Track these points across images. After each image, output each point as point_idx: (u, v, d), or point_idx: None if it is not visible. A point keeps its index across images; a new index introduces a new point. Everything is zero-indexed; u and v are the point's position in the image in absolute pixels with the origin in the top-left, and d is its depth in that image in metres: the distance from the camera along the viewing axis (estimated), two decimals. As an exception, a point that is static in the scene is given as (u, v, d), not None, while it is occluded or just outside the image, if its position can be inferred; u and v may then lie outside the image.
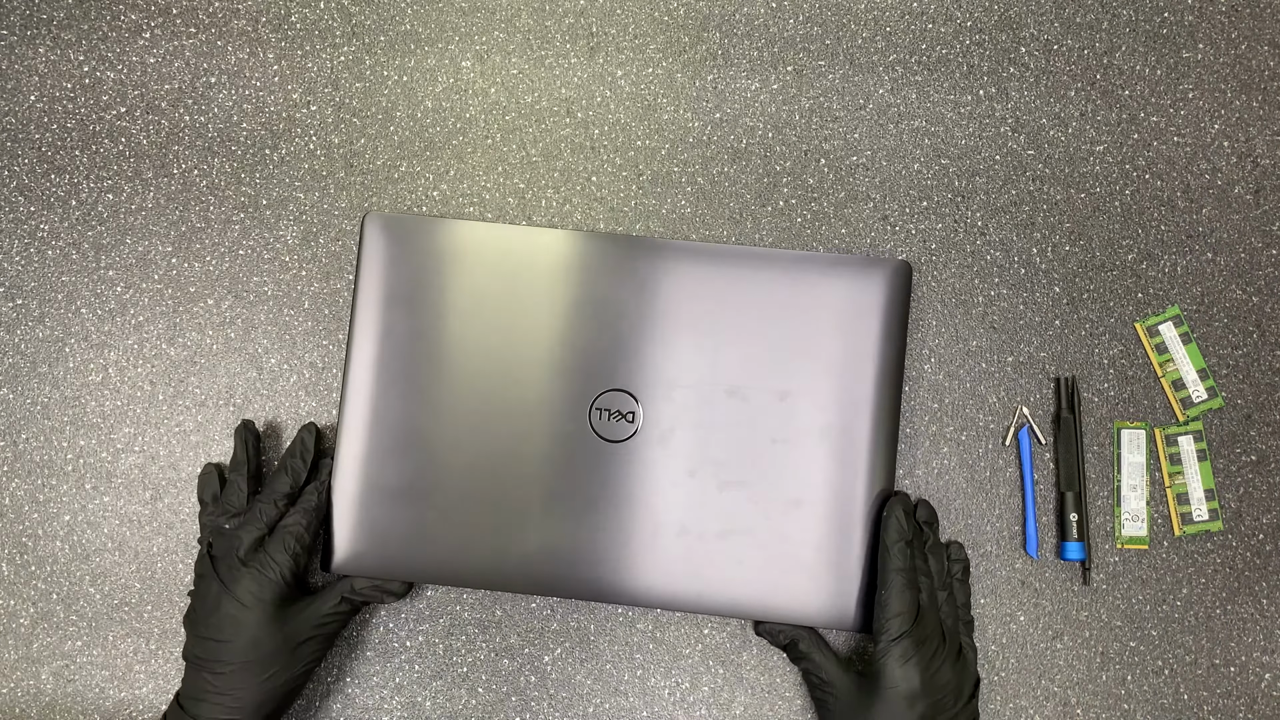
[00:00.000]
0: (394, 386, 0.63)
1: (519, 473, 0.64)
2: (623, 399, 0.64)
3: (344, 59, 0.70)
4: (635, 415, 0.64)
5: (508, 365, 0.64)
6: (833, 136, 0.69)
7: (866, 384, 0.63)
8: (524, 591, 0.63)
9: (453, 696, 0.66)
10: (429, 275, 0.64)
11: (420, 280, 0.65)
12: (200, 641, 0.59)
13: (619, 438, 0.63)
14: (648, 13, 0.70)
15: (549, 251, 0.65)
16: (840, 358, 0.63)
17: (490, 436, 0.64)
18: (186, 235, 0.69)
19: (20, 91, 0.70)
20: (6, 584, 0.67)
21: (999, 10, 0.69)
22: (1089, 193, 0.68)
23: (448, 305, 0.64)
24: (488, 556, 0.63)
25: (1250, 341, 0.67)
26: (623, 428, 0.63)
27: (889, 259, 0.64)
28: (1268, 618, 0.65)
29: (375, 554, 0.63)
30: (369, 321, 0.64)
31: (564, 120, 0.69)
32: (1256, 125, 0.68)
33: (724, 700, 0.65)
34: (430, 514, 0.63)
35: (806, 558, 0.62)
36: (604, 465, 0.63)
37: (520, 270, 0.65)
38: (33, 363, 0.69)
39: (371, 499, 0.63)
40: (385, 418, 0.63)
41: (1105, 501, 0.66)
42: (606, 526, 0.63)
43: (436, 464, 0.64)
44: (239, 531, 0.61)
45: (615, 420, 0.64)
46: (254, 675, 0.59)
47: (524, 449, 0.64)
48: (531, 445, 0.64)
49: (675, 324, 0.64)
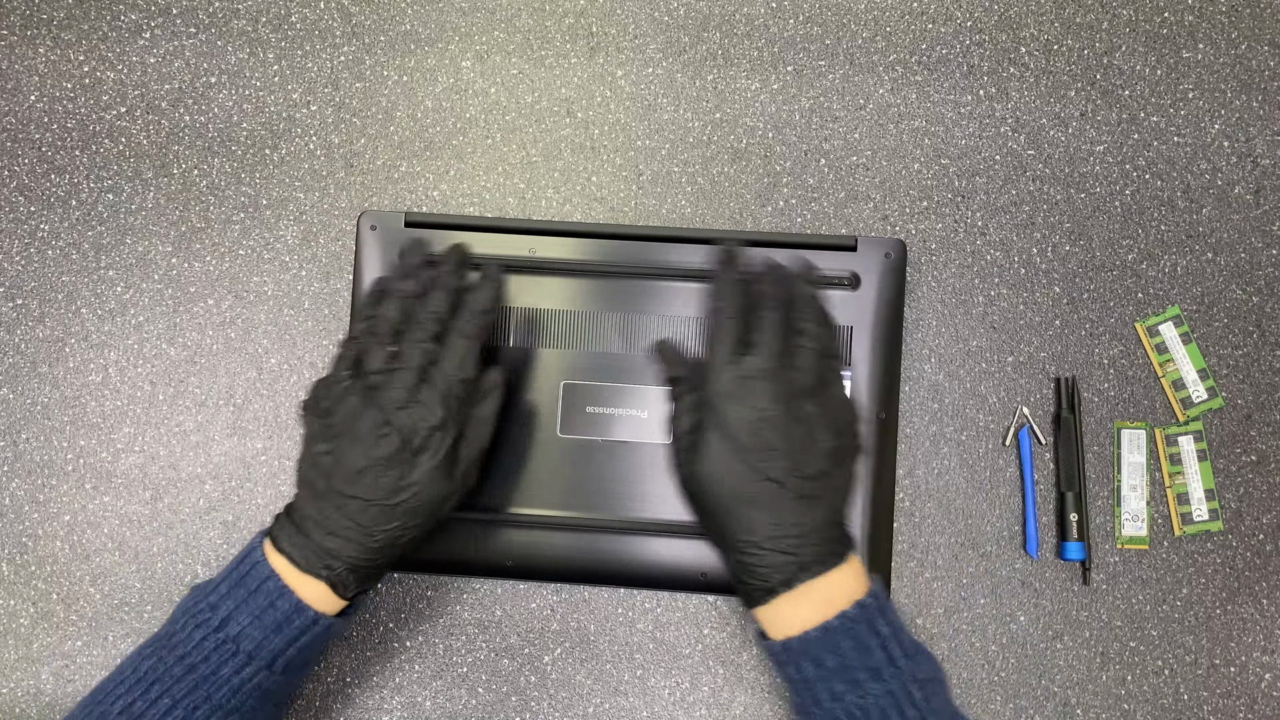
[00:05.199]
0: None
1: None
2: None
3: (344, 59, 0.70)
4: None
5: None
6: (833, 136, 0.69)
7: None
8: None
9: (453, 696, 0.66)
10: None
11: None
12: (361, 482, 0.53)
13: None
14: (648, 13, 0.70)
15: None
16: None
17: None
18: (186, 235, 0.69)
19: (20, 91, 0.70)
20: (6, 584, 0.67)
21: (999, 10, 0.69)
22: (1089, 193, 0.68)
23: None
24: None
25: (1250, 341, 0.67)
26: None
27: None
28: (1268, 618, 0.65)
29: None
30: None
31: (564, 120, 0.69)
32: (1256, 125, 0.68)
33: (724, 700, 0.65)
34: None
35: None
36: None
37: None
38: (33, 363, 0.69)
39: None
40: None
41: (1105, 501, 0.66)
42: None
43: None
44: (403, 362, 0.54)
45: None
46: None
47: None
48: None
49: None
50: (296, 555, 0.53)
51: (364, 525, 0.53)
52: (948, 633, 0.65)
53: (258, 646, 0.53)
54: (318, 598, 0.54)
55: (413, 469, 0.53)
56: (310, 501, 0.54)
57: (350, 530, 0.53)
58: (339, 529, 0.53)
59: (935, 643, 0.65)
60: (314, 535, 0.54)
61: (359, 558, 0.54)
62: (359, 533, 0.53)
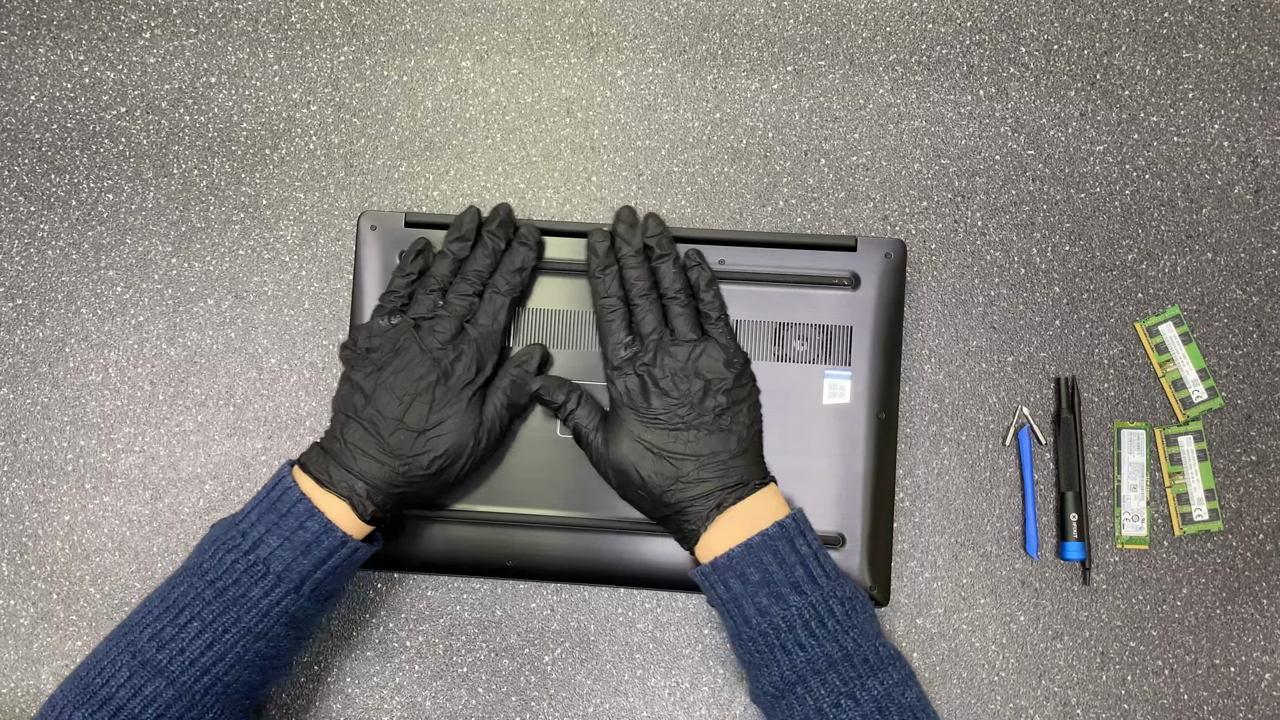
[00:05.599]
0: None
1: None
2: None
3: (344, 59, 0.70)
4: None
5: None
6: (833, 136, 0.69)
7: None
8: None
9: (453, 696, 0.66)
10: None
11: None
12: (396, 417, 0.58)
13: None
14: (648, 13, 0.70)
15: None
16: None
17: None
18: (186, 235, 0.69)
19: (20, 91, 0.70)
20: (6, 584, 0.67)
21: (999, 10, 0.69)
22: (1089, 193, 0.68)
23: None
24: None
25: (1250, 341, 0.67)
26: None
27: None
28: (1268, 618, 0.65)
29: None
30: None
31: (564, 120, 0.69)
32: (1256, 125, 0.68)
33: (724, 700, 0.65)
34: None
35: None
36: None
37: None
38: (33, 363, 0.69)
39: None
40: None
41: (1105, 501, 0.66)
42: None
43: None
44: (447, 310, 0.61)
45: None
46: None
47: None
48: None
49: None
50: (324, 476, 0.57)
51: (393, 448, 0.58)
52: (948, 633, 0.65)
53: (287, 568, 0.56)
54: (342, 517, 0.57)
55: (445, 405, 0.59)
56: (345, 425, 0.59)
57: (380, 453, 0.58)
58: (370, 449, 0.58)
59: (935, 643, 0.65)
60: (343, 458, 0.58)
61: (382, 480, 0.57)
62: (387, 455, 0.58)
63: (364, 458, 0.58)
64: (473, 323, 0.61)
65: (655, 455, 0.59)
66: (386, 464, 0.58)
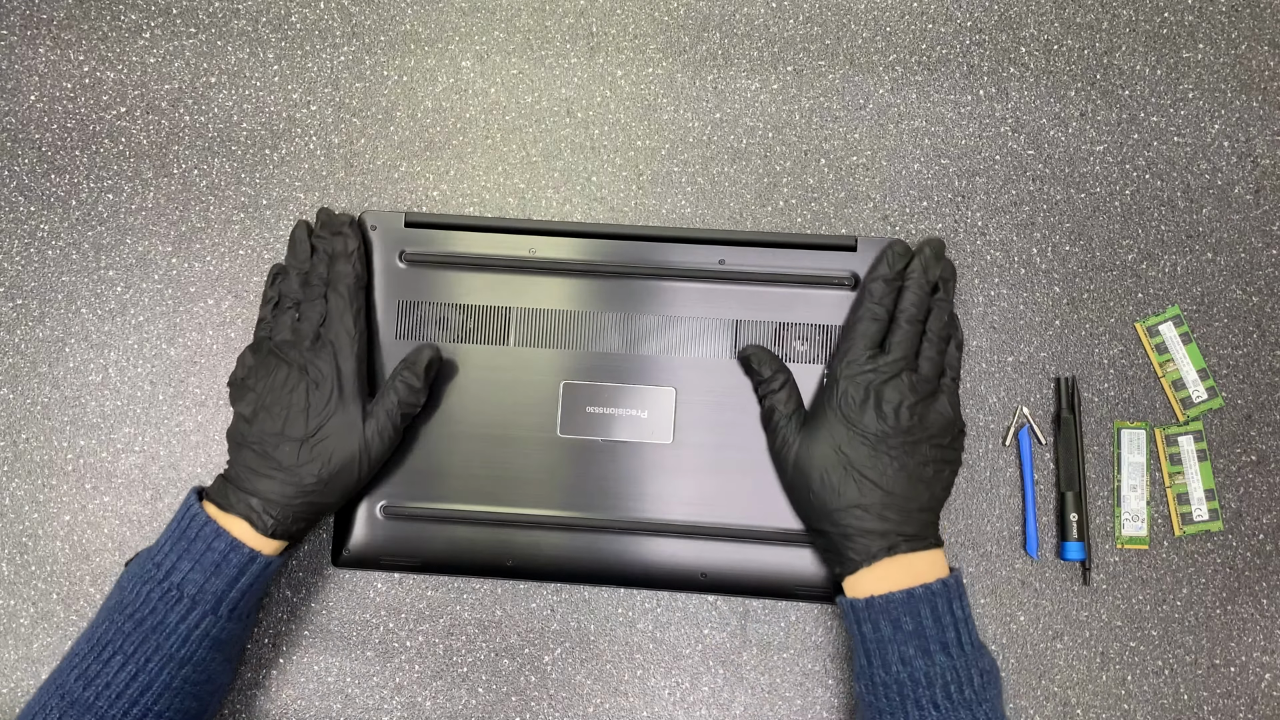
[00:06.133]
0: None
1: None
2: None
3: (344, 59, 0.70)
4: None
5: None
6: (833, 136, 0.69)
7: None
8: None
9: (453, 696, 0.66)
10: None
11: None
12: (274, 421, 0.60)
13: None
14: (648, 13, 0.70)
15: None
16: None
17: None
18: (186, 235, 0.69)
19: (20, 91, 0.70)
20: (6, 584, 0.67)
21: (999, 10, 0.69)
22: (1089, 193, 0.68)
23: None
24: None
25: (1250, 341, 0.67)
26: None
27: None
28: (1268, 618, 0.65)
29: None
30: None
31: (564, 120, 0.69)
32: (1256, 125, 0.68)
33: (724, 700, 0.65)
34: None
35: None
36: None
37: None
38: (33, 363, 0.69)
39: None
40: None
41: (1105, 501, 0.66)
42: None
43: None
44: (305, 316, 0.62)
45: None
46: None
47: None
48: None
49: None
50: (224, 500, 0.59)
51: (282, 462, 0.59)
52: (948, 633, 0.65)
53: (200, 590, 0.57)
54: (246, 534, 0.58)
55: (321, 409, 0.59)
56: (237, 453, 0.60)
57: (272, 470, 0.59)
58: (262, 468, 0.59)
59: (935, 643, 0.65)
60: (240, 481, 0.59)
61: (277, 494, 0.59)
62: (278, 470, 0.59)
63: (258, 477, 0.59)
64: (325, 325, 0.61)
65: (846, 471, 0.58)
66: (278, 478, 0.59)
